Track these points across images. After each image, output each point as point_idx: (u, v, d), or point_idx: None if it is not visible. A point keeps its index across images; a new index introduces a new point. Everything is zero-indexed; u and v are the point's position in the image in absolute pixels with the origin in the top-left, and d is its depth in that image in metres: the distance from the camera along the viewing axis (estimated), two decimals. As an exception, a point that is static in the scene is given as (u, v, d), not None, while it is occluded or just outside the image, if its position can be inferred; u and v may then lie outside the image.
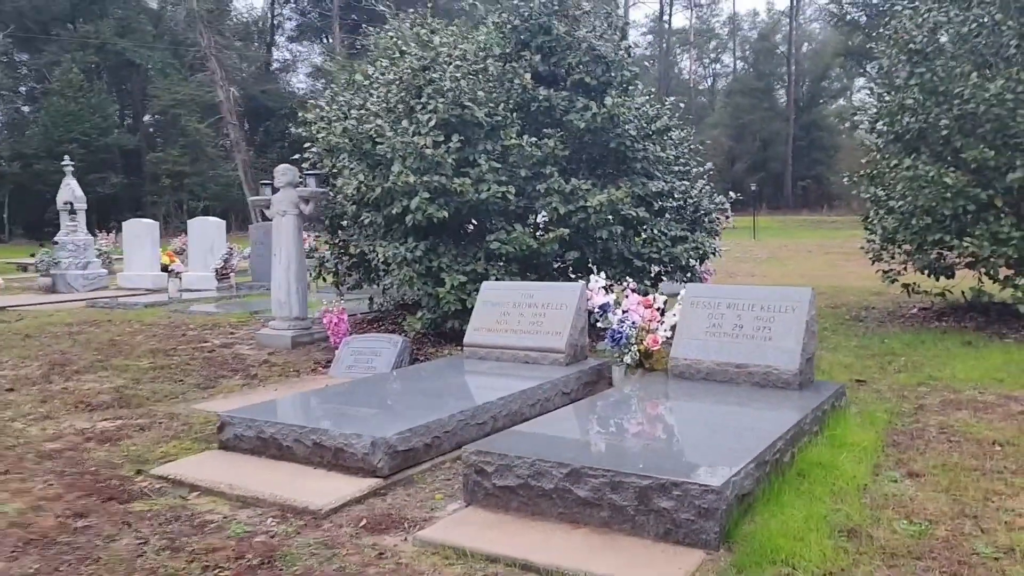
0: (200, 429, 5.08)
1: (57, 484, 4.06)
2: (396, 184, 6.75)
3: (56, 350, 7.83)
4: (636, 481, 3.27)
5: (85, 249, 14.84)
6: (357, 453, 4.02)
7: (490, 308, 6.30)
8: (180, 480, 4.08)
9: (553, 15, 7.43)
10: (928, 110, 8.03)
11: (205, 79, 48.02)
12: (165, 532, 3.46)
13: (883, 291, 11.24)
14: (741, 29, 75.48)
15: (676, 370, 5.36)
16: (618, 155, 7.53)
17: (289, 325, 7.77)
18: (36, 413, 5.52)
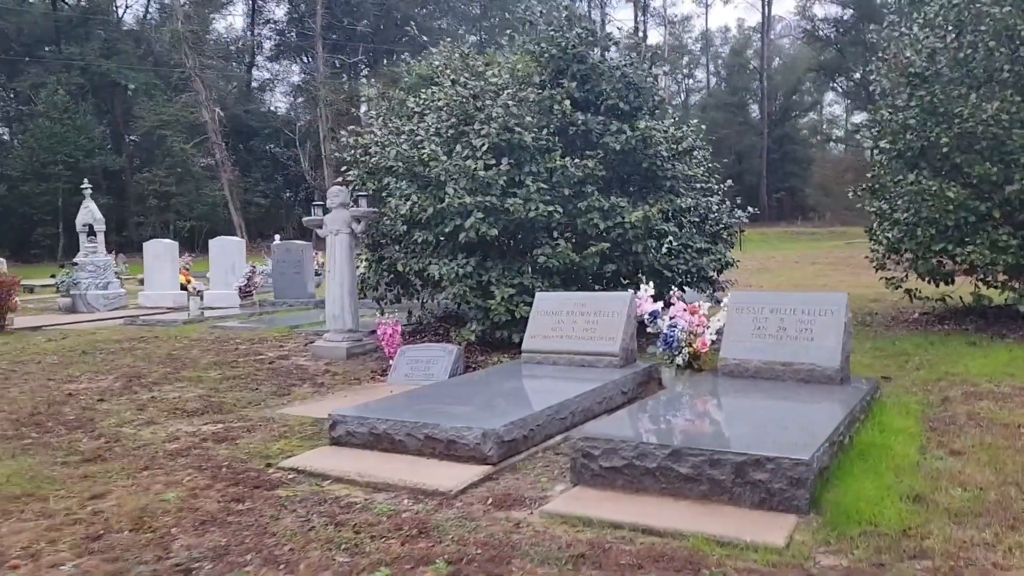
0: (301, 430, 5.56)
1: (200, 476, 4.55)
2: (452, 204, 7.30)
3: (122, 364, 8.26)
4: (733, 457, 3.83)
5: (105, 270, 15.19)
6: (469, 443, 4.54)
7: (545, 317, 6.85)
8: (309, 471, 4.58)
9: (588, 45, 8.04)
10: (929, 129, 8.71)
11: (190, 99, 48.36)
12: (320, 511, 3.96)
13: (880, 297, 11.93)
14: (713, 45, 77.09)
15: (725, 369, 5.94)
16: (649, 174, 8.14)
17: (343, 337, 8.26)
18: (138, 419, 5.98)
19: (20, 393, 7.00)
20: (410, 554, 3.41)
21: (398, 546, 3.50)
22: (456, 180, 7.37)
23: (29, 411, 6.26)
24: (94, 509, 4.07)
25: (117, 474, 4.64)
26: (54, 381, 7.53)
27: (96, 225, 15.35)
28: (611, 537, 3.55)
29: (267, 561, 3.39)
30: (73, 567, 3.41)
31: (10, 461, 4.94)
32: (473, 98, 7.71)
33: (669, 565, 3.22)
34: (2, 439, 5.48)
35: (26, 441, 5.42)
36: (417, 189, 7.79)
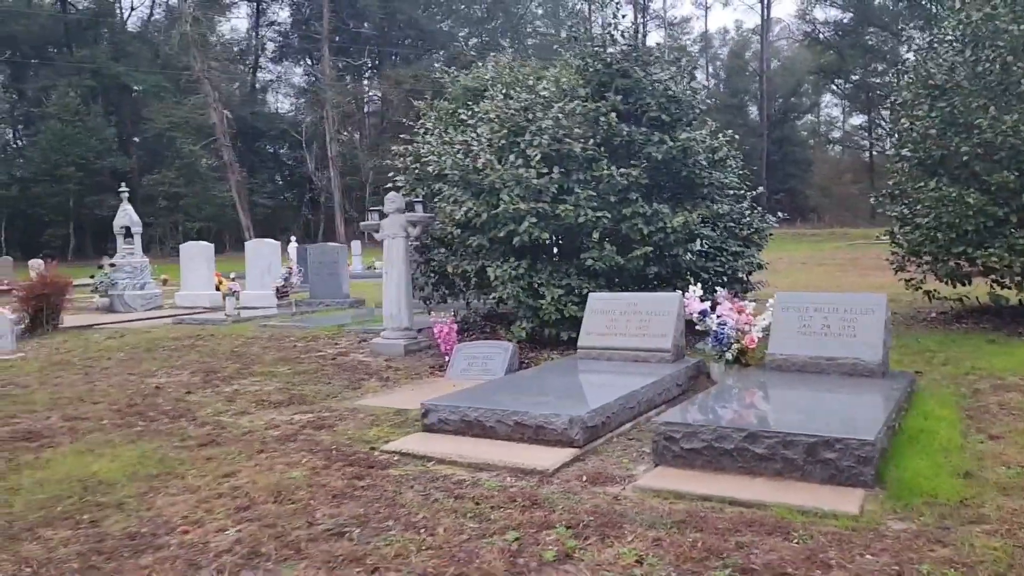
0: (387, 418, 6.06)
1: (314, 459, 5.04)
2: (507, 210, 7.80)
3: (191, 361, 8.75)
4: (805, 439, 4.33)
5: (142, 271, 15.69)
6: (557, 429, 5.05)
7: (599, 316, 7.36)
8: (411, 453, 5.08)
9: (632, 61, 8.56)
10: (949, 139, 9.24)
11: (198, 101, 48.87)
12: (436, 487, 4.46)
13: (895, 297, 12.41)
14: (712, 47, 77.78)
15: (773, 364, 6.44)
16: (689, 182, 8.66)
17: (400, 335, 8.76)
18: (231, 410, 6.48)
19: (109, 386, 7.49)
20: (531, 520, 3.91)
21: (518, 514, 4.00)
22: (510, 188, 7.87)
23: (127, 403, 6.76)
24: (232, 485, 4.57)
25: (236, 456, 5.13)
26: (135, 376, 8.02)
27: (133, 227, 15.83)
28: (702, 507, 4.06)
29: (407, 527, 3.89)
30: (236, 531, 3.90)
31: (131, 446, 5.43)
32: (524, 110, 8.21)
33: (761, 529, 3.73)
34: (115, 427, 5.97)
35: (137, 428, 5.92)
36: (471, 196, 8.29)
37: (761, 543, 3.56)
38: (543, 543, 3.64)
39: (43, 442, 5.61)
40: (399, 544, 3.68)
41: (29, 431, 5.91)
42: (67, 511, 4.23)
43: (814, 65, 63.19)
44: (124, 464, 5.00)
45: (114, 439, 5.62)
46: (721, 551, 3.48)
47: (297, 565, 3.52)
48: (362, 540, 3.76)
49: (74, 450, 5.36)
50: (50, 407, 6.70)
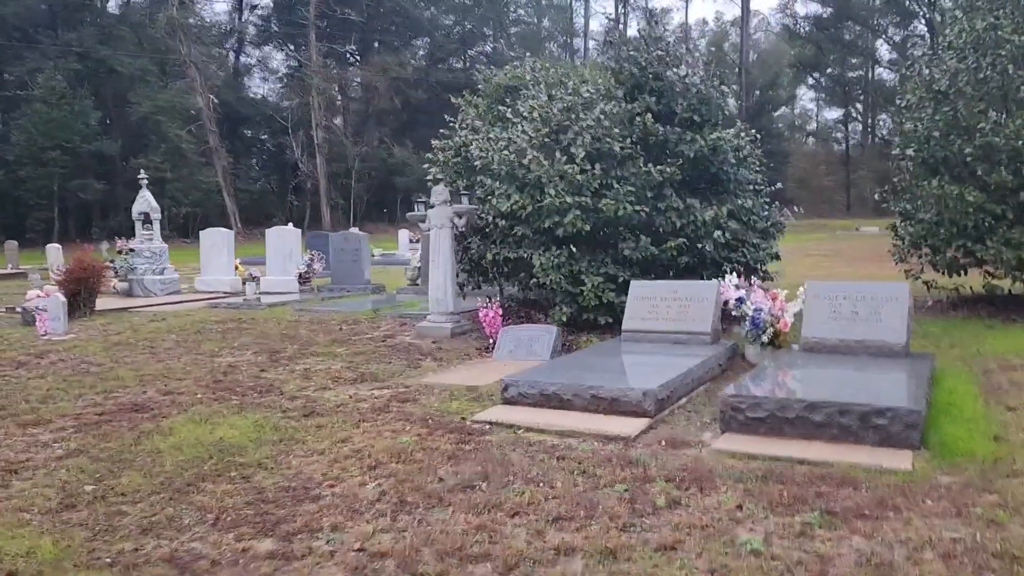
0: (460, 393, 6.64)
1: (414, 427, 5.63)
2: (553, 203, 8.41)
3: (247, 342, 9.28)
4: (858, 408, 5.00)
5: (161, 256, 16.09)
6: (632, 400, 5.68)
7: (641, 302, 8.00)
8: (500, 422, 5.69)
9: (665, 65, 9.18)
10: (952, 141, 9.97)
11: (184, 86, 48.83)
12: (536, 449, 5.07)
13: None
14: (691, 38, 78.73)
15: (807, 346, 7.13)
16: (716, 178, 9.32)
17: (446, 319, 9.35)
18: (312, 386, 7.04)
19: (182, 365, 8.01)
20: (632, 476, 4.54)
21: (619, 471, 4.64)
22: (556, 183, 8.48)
23: (211, 379, 7.29)
24: (352, 448, 5.15)
25: (341, 425, 5.71)
26: (201, 355, 8.54)
27: (153, 214, 16.22)
28: (775, 466, 4.70)
29: (526, 481, 4.50)
30: (376, 485, 4.50)
31: (239, 417, 5.98)
32: (567, 111, 8.81)
33: (832, 482, 4.39)
34: (213, 400, 6.51)
35: (233, 402, 6.47)
36: (516, 189, 8.88)
37: (836, 493, 4.22)
38: (651, 493, 4.28)
39: (151, 413, 6.15)
40: (527, 494, 4.29)
41: (134, 404, 6.44)
42: (216, 470, 4.79)
43: (793, 58, 64.31)
44: (244, 432, 5.56)
45: (219, 411, 6.17)
46: (805, 499, 4.14)
47: (445, 510, 4.12)
48: (492, 491, 4.37)
49: (188, 420, 5.90)
50: (140, 383, 7.21)
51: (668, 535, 3.74)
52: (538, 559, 3.54)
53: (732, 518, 3.94)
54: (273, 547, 3.73)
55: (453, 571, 3.45)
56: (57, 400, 6.64)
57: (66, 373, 7.75)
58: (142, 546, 3.78)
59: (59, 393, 6.88)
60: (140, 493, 4.45)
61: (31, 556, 3.67)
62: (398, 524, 3.96)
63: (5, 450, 5.31)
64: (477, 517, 4.01)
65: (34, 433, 5.70)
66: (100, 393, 6.87)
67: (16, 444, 5.44)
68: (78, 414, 6.18)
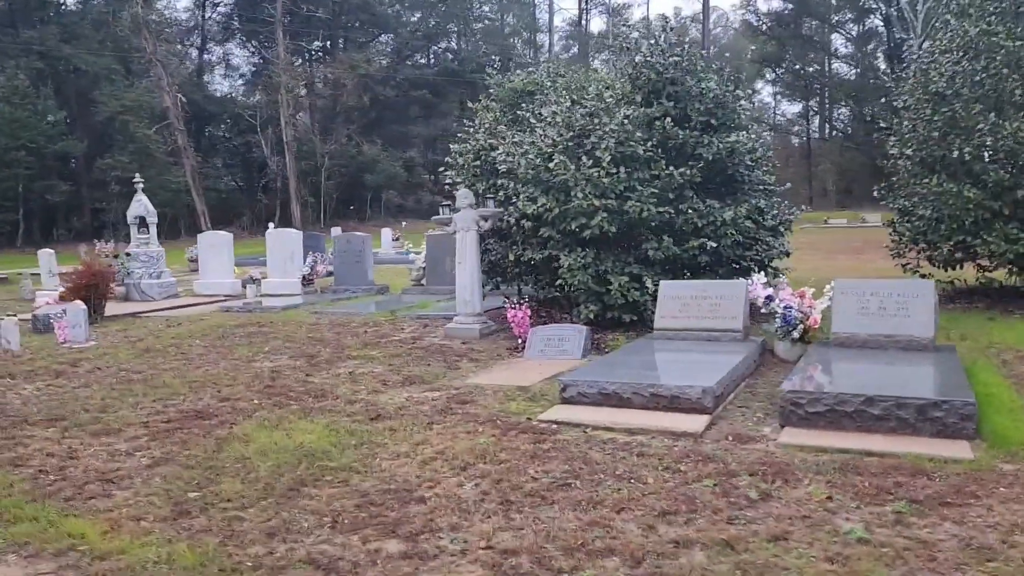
0: (513, 394, 6.85)
1: (485, 428, 5.83)
2: (581, 205, 8.65)
3: (278, 347, 9.39)
4: (915, 401, 5.32)
5: (158, 260, 16.02)
6: (692, 398, 5.95)
7: (672, 301, 8.28)
8: (566, 422, 5.91)
9: (683, 71, 9.47)
10: (951, 141, 10.41)
11: (151, 84, 48.10)
12: (612, 447, 5.31)
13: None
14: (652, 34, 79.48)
15: (837, 341, 7.47)
16: (733, 179, 9.64)
17: (474, 320, 9.54)
18: (363, 389, 7.19)
19: (224, 371, 8.11)
20: (716, 471, 4.80)
21: (701, 466, 4.89)
22: (582, 186, 8.72)
23: (262, 385, 7.41)
24: (435, 450, 5.34)
25: (412, 428, 5.89)
26: (237, 360, 8.63)
27: (149, 217, 16.14)
28: (845, 458, 4.98)
29: (617, 478, 4.74)
30: (474, 486, 4.70)
31: (307, 423, 6.13)
32: (590, 116, 9.05)
33: (904, 472, 4.69)
34: (273, 406, 6.65)
35: (294, 407, 6.60)
36: (541, 192, 9.09)
37: (912, 483, 4.52)
38: (739, 487, 4.54)
39: (217, 420, 6.27)
40: (624, 491, 4.53)
41: (196, 411, 6.55)
42: (311, 475, 4.95)
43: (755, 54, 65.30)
44: (320, 436, 5.71)
45: (284, 416, 6.31)
46: (887, 489, 4.43)
47: (550, 508, 4.34)
48: (588, 488, 4.60)
49: (258, 426, 6.03)
50: (192, 390, 7.30)
51: (775, 526, 4.00)
52: (660, 552, 3.77)
53: (827, 509, 4.22)
54: (403, 547, 3.92)
55: (585, 566, 3.67)
56: (116, 409, 6.72)
57: (110, 381, 7.81)
58: (273, 550, 3.94)
59: (114, 402, 6.95)
60: (246, 499, 4.60)
61: (173, 563, 3.81)
62: (513, 522, 4.17)
63: (91, 460, 5.41)
64: (585, 514, 4.23)
65: (109, 443, 5.79)
66: (156, 401, 6.96)
67: (98, 454, 5.54)
68: (144, 422, 6.27)
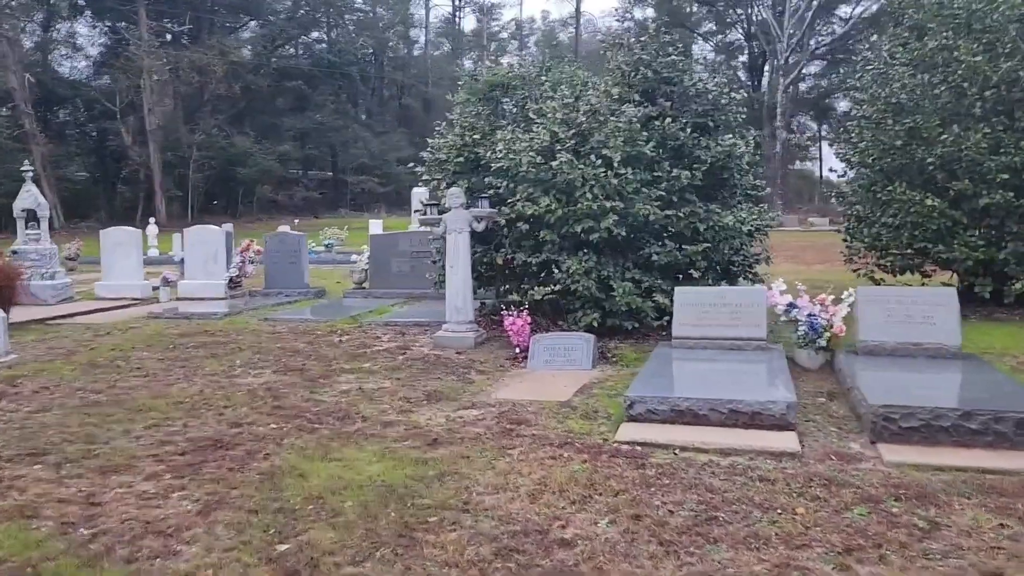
0: (561, 412, 6.32)
1: (565, 453, 5.29)
2: (591, 207, 8.23)
3: (252, 359, 8.43)
4: (1014, 415, 5.23)
5: (50, 259, 14.32)
6: (775, 413, 5.64)
7: (689, 308, 7.98)
8: (650, 443, 5.44)
9: (681, 71, 9.21)
10: (913, 151, 10.69)
11: (-6, 64, 43.79)
12: (720, 471, 4.90)
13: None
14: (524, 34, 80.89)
15: (864, 350, 7.40)
16: (727, 183, 9.48)
17: (466, 328, 8.91)
18: (390, 409, 6.46)
19: (206, 390, 7.14)
20: (855, 497, 4.48)
21: (834, 490, 4.57)
22: (590, 186, 8.30)
23: (266, 407, 6.53)
24: (534, 481, 4.76)
25: (485, 455, 5.26)
26: (214, 377, 7.64)
27: (39, 210, 14.40)
28: (969, 477, 4.78)
29: (761, 508, 4.34)
30: (608, 522, 4.17)
31: (354, 450, 5.39)
32: (593, 113, 8.63)
33: (1038, 491, 4.56)
34: (298, 431, 5.83)
35: (324, 432, 5.82)
36: (542, 192, 8.60)
37: (1058, 501, 4.38)
38: (896, 515, 4.24)
39: (242, 450, 5.43)
40: (781, 524, 4.14)
41: (210, 439, 5.65)
42: (413, 516, 4.27)
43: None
44: (387, 467, 5.01)
45: (320, 443, 5.53)
46: (1045, 510, 4.26)
47: (718, 548, 3.89)
48: (739, 522, 4.18)
49: (301, 457, 5.25)
50: (187, 414, 6.34)
51: (978, 559, 3.72)
52: (884, 596, 3.41)
53: (1010, 536, 3.99)
54: (593, 606, 3.38)
55: (816, 618, 3.26)
56: (105, 439, 5.72)
57: (73, 404, 6.70)
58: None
59: (97, 431, 5.92)
60: (354, 551, 3.89)
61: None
62: (695, 567, 3.69)
63: (119, 506, 4.49)
64: (763, 553, 3.82)
65: (127, 483, 4.86)
66: (149, 428, 5.98)
67: (124, 498, 4.61)
68: (154, 455, 5.34)
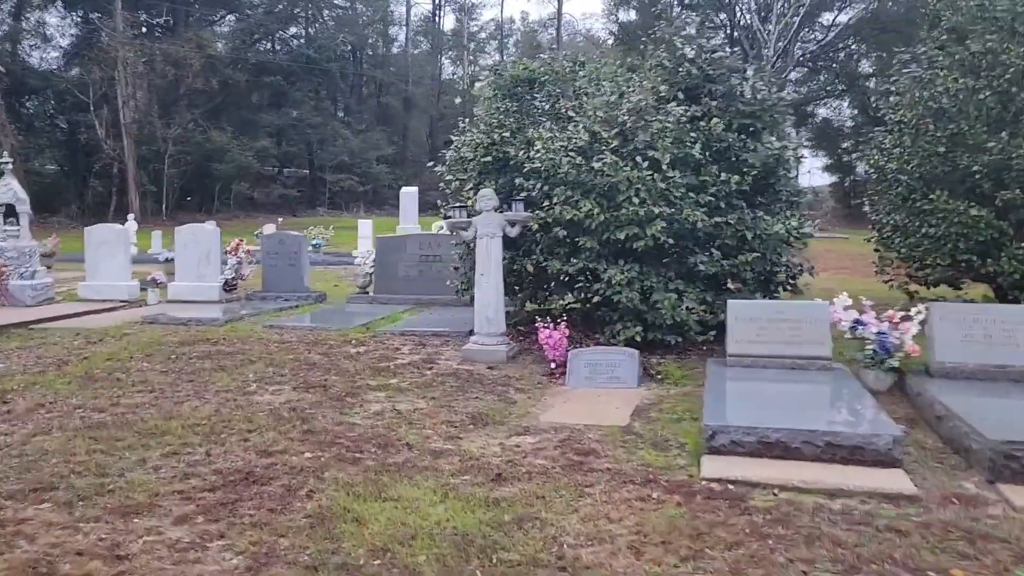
0: (627, 439, 5.68)
1: (651, 492, 4.64)
2: (637, 212, 7.60)
3: (266, 372, 7.68)
4: None
5: (30, 257, 13.40)
6: (880, 448, 5.02)
7: (746, 323, 7.37)
8: (743, 481, 4.80)
9: (730, 71, 8.60)
10: (959, 158, 10.18)
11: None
12: (836, 518, 4.28)
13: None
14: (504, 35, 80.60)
15: (941, 372, 6.83)
16: (774, 189, 8.88)
17: (498, 341, 8.22)
18: (433, 435, 5.76)
19: (222, 409, 6.39)
20: (1017, 555, 3.88)
21: (985, 546, 3.96)
22: (638, 190, 7.66)
23: (295, 431, 5.80)
24: (629, 529, 4.11)
25: (560, 494, 4.60)
26: (228, 393, 6.88)
27: (18, 205, 13.47)
28: (1114, 525, 4.24)
29: (911, 570, 3.73)
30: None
31: (408, 487, 4.70)
32: (637, 112, 7.99)
33: None
34: (337, 461, 5.12)
35: (367, 463, 5.12)
36: (582, 195, 7.95)
37: None
38: (1068, 576, 3.65)
39: (280, 485, 4.71)
40: (942, 588, 3.53)
41: (240, 471, 4.93)
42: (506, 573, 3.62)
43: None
44: (454, 511, 4.32)
45: (367, 477, 4.82)
46: None
47: (880, 623, 3.27)
48: (893, 587, 3.56)
49: (350, 495, 4.54)
50: (207, 439, 5.59)
51: None
52: None
53: None
54: None
55: None
56: (118, 469, 4.97)
57: (75, 425, 5.93)
58: None
59: (108, 459, 5.17)
60: (446, 624, 3.22)
61: None
62: (866, 652, 3.06)
63: (150, 559, 3.77)
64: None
65: (154, 527, 4.13)
66: (167, 456, 5.24)
67: (154, 548, 3.89)
68: (180, 491, 4.62)
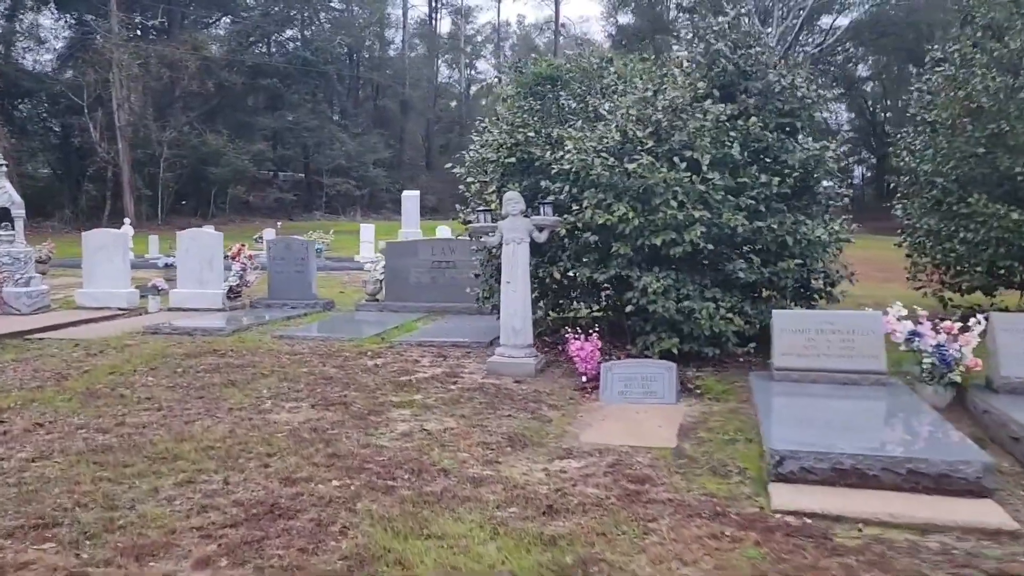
0: (680, 464, 5.22)
1: (707, 525, 4.16)
2: (676, 216, 7.14)
3: (280, 387, 7.20)
4: None
5: (25, 263, 12.89)
6: (968, 477, 4.56)
7: (793, 335, 6.91)
8: (821, 514, 4.33)
9: (763, 65, 8.15)
10: (999, 159, 9.76)
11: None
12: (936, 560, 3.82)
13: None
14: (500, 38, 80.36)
15: (1007, 387, 6.38)
16: (813, 191, 8.43)
17: (526, 353, 7.75)
18: (469, 458, 5.29)
19: (236, 430, 5.90)
20: None
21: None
22: (674, 193, 7.21)
23: (319, 456, 5.31)
24: (705, 572, 3.66)
25: (622, 532, 4.12)
26: (242, 411, 6.40)
27: (14, 209, 12.99)
28: None
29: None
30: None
31: (452, 521, 4.22)
32: (673, 111, 7.55)
33: None
34: (369, 490, 4.63)
35: (402, 493, 4.64)
36: (615, 198, 7.50)
37: None
38: None
39: (308, 519, 4.23)
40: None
41: (263, 503, 4.44)
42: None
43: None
44: (511, 552, 3.85)
45: (405, 510, 4.33)
46: None
47: None
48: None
49: (387, 530, 4.06)
50: (224, 465, 5.09)
51: None
52: None
53: None
54: None
55: None
56: (129, 501, 4.48)
57: (77, 448, 5.44)
58: None
59: (116, 489, 4.68)
60: None
61: None
62: None
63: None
64: None
65: (176, 573, 3.65)
66: (181, 485, 4.76)
67: (173, 601, 3.41)
68: (198, 527, 4.13)
